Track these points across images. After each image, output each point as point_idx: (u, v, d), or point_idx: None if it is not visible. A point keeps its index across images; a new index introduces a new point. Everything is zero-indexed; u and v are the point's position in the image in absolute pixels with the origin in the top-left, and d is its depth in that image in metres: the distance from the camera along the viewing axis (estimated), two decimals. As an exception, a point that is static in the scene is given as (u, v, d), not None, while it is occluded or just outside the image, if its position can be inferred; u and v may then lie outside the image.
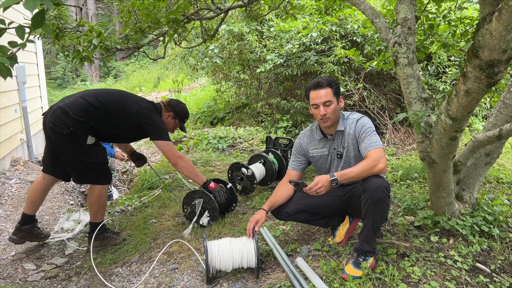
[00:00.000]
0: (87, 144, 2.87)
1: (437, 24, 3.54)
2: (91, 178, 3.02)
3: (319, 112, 2.49)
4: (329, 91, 2.47)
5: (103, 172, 3.04)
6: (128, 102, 3.04)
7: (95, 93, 3.02)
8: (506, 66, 1.89)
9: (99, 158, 2.98)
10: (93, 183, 3.02)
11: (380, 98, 6.46)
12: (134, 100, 3.09)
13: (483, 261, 2.53)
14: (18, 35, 1.56)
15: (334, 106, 2.49)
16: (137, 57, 19.58)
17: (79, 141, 2.84)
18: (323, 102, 2.47)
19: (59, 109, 2.80)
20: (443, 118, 2.30)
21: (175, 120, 3.35)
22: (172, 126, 3.37)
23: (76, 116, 2.78)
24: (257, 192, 4.14)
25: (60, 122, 2.76)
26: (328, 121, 2.52)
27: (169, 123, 3.33)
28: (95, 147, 2.95)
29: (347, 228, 2.80)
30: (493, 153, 3.00)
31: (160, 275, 2.61)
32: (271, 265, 2.60)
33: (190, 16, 4.20)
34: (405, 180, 4.27)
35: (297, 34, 6.83)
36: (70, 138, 2.80)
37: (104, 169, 3.04)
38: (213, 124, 8.34)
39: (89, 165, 2.94)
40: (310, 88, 2.53)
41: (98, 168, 2.99)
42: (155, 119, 3.09)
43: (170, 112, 3.30)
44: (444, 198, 2.81)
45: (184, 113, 3.39)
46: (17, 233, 3.09)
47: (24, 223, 3.09)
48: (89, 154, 2.91)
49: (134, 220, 3.66)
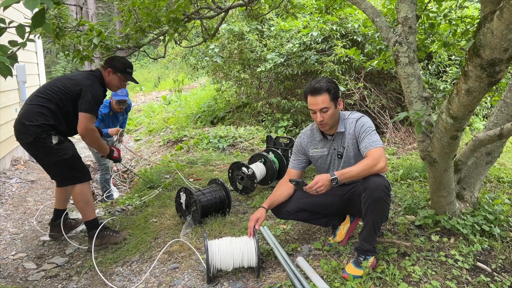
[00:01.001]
0: (54, 144, 2.95)
1: (437, 23, 3.54)
2: (72, 178, 3.11)
3: (317, 118, 2.49)
4: (326, 97, 2.44)
5: (80, 168, 3.14)
6: (69, 84, 3.04)
7: (36, 93, 3.06)
8: (507, 65, 1.89)
9: (69, 152, 3.05)
10: (76, 182, 3.11)
11: (380, 97, 6.46)
12: (75, 80, 3.07)
13: (484, 261, 2.52)
14: (18, 34, 1.56)
15: (331, 112, 2.47)
16: (138, 56, 19.57)
17: (45, 143, 2.93)
18: (320, 109, 2.45)
19: (17, 123, 2.96)
20: (444, 117, 2.30)
21: (116, 74, 3.26)
22: (117, 81, 3.29)
23: (31, 123, 2.89)
24: (258, 192, 4.14)
25: (22, 134, 2.93)
26: (326, 126, 2.52)
27: (113, 80, 3.27)
28: (62, 144, 3.02)
29: (348, 228, 2.80)
30: (494, 152, 2.99)
31: (161, 274, 2.61)
32: (271, 265, 2.60)
33: (191, 15, 4.19)
34: (405, 180, 4.26)
35: (298, 33, 6.82)
36: (37, 144, 2.93)
37: (79, 164, 3.14)
38: (214, 123, 8.34)
39: (63, 164, 3.02)
40: (307, 93, 2.51)
41: (73, 164, 3.08)
42: (90, 91, 3.04)
43: (108, 68, 3.23)
44: (445, 197, 2.81)
45: (122, 64, 3.29)
46: (53, 229, 3.39)
47: (55, 218, 3.37)
48: (59, 152, 2.99)
49: (134, 220, 3.66)
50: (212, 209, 3.39)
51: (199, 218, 3.24)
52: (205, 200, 3.32)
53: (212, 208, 3.38)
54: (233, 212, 3.58)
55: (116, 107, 4.89)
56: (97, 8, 22.91)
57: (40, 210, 4.27)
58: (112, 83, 3.27)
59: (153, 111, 11.06)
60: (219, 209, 3.45)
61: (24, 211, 4.25)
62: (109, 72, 3.24)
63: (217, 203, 3.41)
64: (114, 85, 3.29)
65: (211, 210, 3.38)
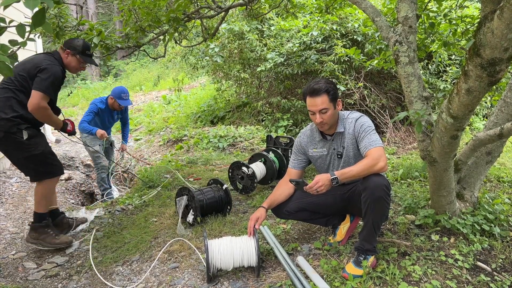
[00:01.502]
0: (25, 139, 2.94)
1: (438, 22, 3.54)
2: (45, 173, 3.11)
3: (316, 119, 2.49)
4: (325, 98, 2.44)
5: (52, 162, 3.14)
6: (29, 67, 2.98)
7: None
8: (507, 65, 1.89)
9: (40, 148, 3.04)
10: (49, 177, 3.13)
11: (380, 97, 6.45)
12: (33, 63, 3.01)
13: (484, 260, 2.52)
14: (18, 33, 1.56)
15: (330, 113, 2.47)
16: (138, 56, 19.54)
17: (16, 138, 2.92)
18: (319, 110, 2.45)
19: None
20: (444, 116, 2.30)
21: (76, 56, 3.19)
22: (75, 63, 3.22)
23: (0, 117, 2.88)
24: (258, 191, 4.14)
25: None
26: (325, 126, 2.53)
27: (72, 62, 3.21)
28: (34, 139, 3.01)
29: (348, 227, 2.80)
30: (494, 152, 2.99)
31: (161, 273, 2.61)
32: (271, 264, 2.60)
33: (191, 14, 4.19)
34: (405, 179, 4.26)
35: (298, 33, 6.82)
36: (7, 139, 2.92)
37: (51, 158, 3.14)
38: (214, 123, 8.34)
39: (35, 159, 3.02)
40: (306, 94, 2.50)
41: (45, 159, 3.08)
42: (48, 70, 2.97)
43: (67, 50, 3.17)
44: (445, 197, 2.81)
45: (81, 46, 3.22)
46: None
47: (53, 217, 3.35)
48: (29, 148, 2.98)
49: (134, 219, 3.66)
50: (212, 208, 3.39)
51: (199, 217, 3.24)
52: (203, 199, 3.32)
53: (211, 208, 3.38)
54: (233, 211, 3.58)
55: (117, 107, 4.91)
56: (97, 8, 22.89)
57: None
58: (71, 65, 3.21)
59: (153, 111, 11.05)
60: (219, 208, 3.46)
61: (24, 211, 4.25)
62: (68, 54, 3.17)
63: (216, 203, 3.41)
64: (73, 67, 3.22)
65: (210, 210, 3.38)
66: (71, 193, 5.37)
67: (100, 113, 4.89)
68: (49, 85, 2.94)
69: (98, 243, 3.21)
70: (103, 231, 3.43)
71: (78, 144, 8.25)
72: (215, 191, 3.45)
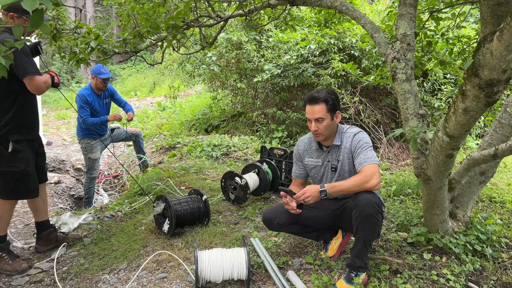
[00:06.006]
0: (9, 152, 2.75)
1: (435, 41, 3.57)
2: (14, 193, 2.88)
3: (311, 127, 2.48)
4: (323, 107, 2.44)
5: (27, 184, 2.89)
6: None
7: None
8: (505, 86, 1.90)
9: (20, 166, 2.82)
10: (17, 198, 2.97)
11: (375, 112, 6.48)
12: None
13: (476, 281, 2.51)
14: (15, 34, 1.54)
15: (326, 123, 2.46)
16: (134, 61, 19.56)
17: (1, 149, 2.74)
18: (315, 118, 2.45)
19: None
20: (440, 135, 2.30)
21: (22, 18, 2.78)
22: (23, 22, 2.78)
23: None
24: (250, 202, 4.10)
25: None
26: (320, 136, 2.52)
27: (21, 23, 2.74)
28: (17, 155, 2.80)
29: (339, 242, 2.77)
30: (488, 172, 2.99)
31: (148, 283, 2.56)
32: (262, 278, 2.55)
33: (190, 22, 4.18)
34: (398, 196, 4.26)
35: (296, 46, 6.85)
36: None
37: (27, 179, 2.88)
38: (208, 131, 8.30)
39: (11, 175, 2.80)
40: (306, 101, 2.51)
41: (21, 178, 2.84)
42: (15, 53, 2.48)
43: (10, 13, 2.75)
44: (438, 215, 2.80)
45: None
46: (38, 241, 3.19)
47: (39, 230, 3.18)
48: (10, 163, 2.78)
49: (123, 226, 3.60)
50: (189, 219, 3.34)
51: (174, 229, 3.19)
52: (181, 209, 3.28)
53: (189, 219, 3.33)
54: (224, 222, 3.54)
55: (101, 85, 4.90)
56: (95, 12, 22.92)
57: (28, 213, 4.19)
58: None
59: (147, 117, 11.00)
60: (196, 220, 3.41)
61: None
62: (11, 16, 2.77)
63: (193, 214, 3.36)
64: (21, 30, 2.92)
65: (187, 221, 3.34)
66: (60, 197, 5.28)
67: (88, 101, 4.85)
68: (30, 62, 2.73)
69: (86, 250, 3.15)
70: (91, 238, 3.37)
71: (70, 147, 8.17)
72: (194, 201, 3.41)
